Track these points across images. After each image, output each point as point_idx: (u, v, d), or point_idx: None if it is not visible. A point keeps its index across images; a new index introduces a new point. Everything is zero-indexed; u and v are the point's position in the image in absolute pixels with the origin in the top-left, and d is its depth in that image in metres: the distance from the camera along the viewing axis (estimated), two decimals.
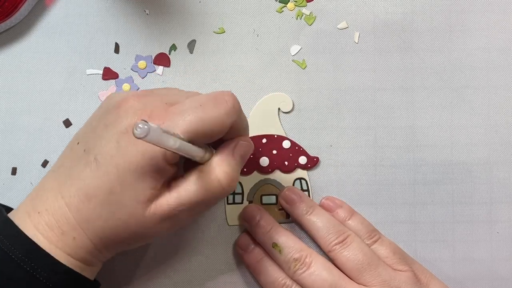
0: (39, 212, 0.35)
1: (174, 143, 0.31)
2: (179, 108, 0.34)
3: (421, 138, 0.44)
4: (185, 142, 0.32)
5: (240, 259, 0.43)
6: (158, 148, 0.33)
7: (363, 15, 0.44)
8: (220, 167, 0.35)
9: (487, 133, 0.44)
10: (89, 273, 0.36)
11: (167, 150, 0.32)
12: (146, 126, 0.28)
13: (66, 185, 0.35)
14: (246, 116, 0.43)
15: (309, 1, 0.44)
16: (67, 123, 0.43)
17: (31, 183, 0.43)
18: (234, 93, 0.43)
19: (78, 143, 0.36)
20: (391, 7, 0.44)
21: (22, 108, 0.43)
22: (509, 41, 0.44)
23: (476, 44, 0.44)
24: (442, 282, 0.41)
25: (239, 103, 0.36)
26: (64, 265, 0.34)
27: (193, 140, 0.33)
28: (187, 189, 0.34)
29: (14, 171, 0.43)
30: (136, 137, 0.28)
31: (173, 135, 0.31)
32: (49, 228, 0.34)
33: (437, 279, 0.41)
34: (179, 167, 0.36)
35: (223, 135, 0.35)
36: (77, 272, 0.35)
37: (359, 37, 0.44)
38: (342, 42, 0.44)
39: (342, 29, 0.44)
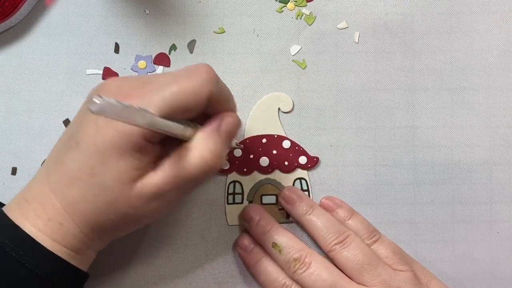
0: (27, 200, 0.35)
1: (143, 119, 0.30)
2: (154, 85, 0.34)
3: (421, 138, 0.44)
4: (158, 118, 0.31)
5: (240, 259, 0.43)
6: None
7: (363, 15, 0.44)
8: (204, 144, 0.34)
9: (487, 133, 0.44)
10: (80, 262, 0.36)
11: (140, 127, 0.31)
12: (102, 102, 0.26)
13: (51, 171, 0.35)
14: (246, 116, 0.44)
15: (309, 1, 0.44)
16: (67, 123, 0.43)
17: None
18: (234, 94, 0.43)
19: (66, 132, 0.36)
20: (391, 7, 0.44)
21: (22, 108, 0.43)
22: (509, 42, 0.44)
23: (476, 45, 0.44)
24: (442, 282, 0.41)
25: (215, 74, 0.34)
26: (51, 252, 0.34)
27: (170, 115, 0.33)
28: (171, 167, 0.33)
29: (14, 171, 0.43)
30: (93, 113, 0.27)
31: (141, 110, 0.30)
32: (36, 215, 0.34)
33: (437, 279, 0.41)
34: (168, 146, 0.35)
35: (204, 108, 0.34)
36: (65, 260, 0.34)
37: (359, 37, 0.44)
38: (342, 42, 0.44)
39: (342, 29, 0.44)
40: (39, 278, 0.33)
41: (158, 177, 0.33)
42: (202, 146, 0.34)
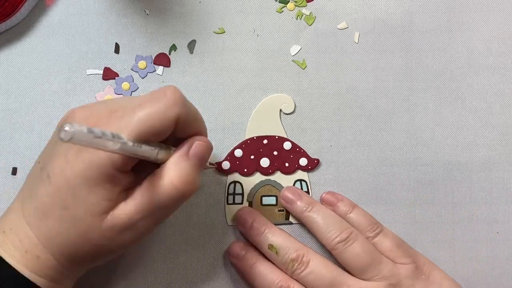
0: (4, 232, 0.35)
1: (115, 144, 0.30)
2: (120, 112, 0.33)
3: (421, 138, 0.44)
4: (129, 143, 0.31)
5: (234, 269, 0.42)
6: (104, 155, 0.32)
7: (363, 15, 0.44)
8: (174, 170, 0.33)
9: (487, 133, 0.44)
10: None
11: (113, 152, 0.31)
12: (73, 129, 0.27)
13: (26, 203, 0.35)
14: (246, 116, 0.44)
15: (309, 1, 0.44)
16: None
17: None
18: (234, 93, 0.43)
19: (38, 162, 0.36)
20: (391, 7, 0.44)
21: (22, 108, 0.43)
22: (510, 42, 0.44)
23: (476, 44, 0.44)
24: (443, 271, 0.41)
25: (182, 95, 0.34)
26: (31, 282, 0.34)
27: (141, 140, 0.32)
28: (142, 196, 0.33)
29: (14, 171, 0.43)
30: (64, 141, 0.27)
31: (113, 135, 0.30)
32: (14, 247, 0.34)
33: (438, 269, 0.41)
34: (140, 175, 0.35)
35: (173, 131, 0.34)
36: None
37: (359, 37, 0.44)
38: (342, 42, 0.44)
39: (342, 29, 0.44)
40: None
41: (130, 206, 0.33)
42: (172, 173, 0.33)
